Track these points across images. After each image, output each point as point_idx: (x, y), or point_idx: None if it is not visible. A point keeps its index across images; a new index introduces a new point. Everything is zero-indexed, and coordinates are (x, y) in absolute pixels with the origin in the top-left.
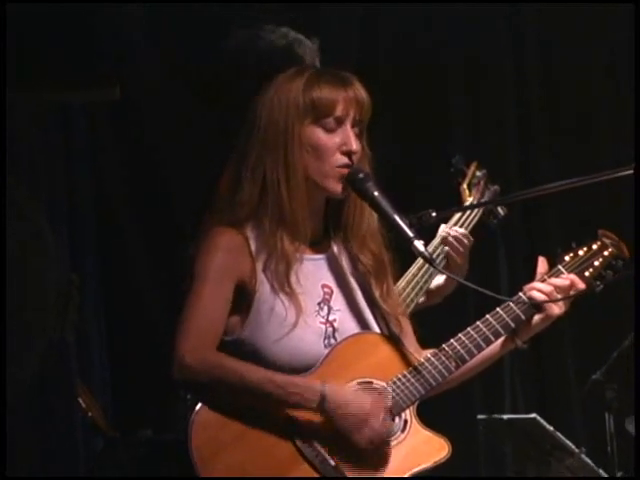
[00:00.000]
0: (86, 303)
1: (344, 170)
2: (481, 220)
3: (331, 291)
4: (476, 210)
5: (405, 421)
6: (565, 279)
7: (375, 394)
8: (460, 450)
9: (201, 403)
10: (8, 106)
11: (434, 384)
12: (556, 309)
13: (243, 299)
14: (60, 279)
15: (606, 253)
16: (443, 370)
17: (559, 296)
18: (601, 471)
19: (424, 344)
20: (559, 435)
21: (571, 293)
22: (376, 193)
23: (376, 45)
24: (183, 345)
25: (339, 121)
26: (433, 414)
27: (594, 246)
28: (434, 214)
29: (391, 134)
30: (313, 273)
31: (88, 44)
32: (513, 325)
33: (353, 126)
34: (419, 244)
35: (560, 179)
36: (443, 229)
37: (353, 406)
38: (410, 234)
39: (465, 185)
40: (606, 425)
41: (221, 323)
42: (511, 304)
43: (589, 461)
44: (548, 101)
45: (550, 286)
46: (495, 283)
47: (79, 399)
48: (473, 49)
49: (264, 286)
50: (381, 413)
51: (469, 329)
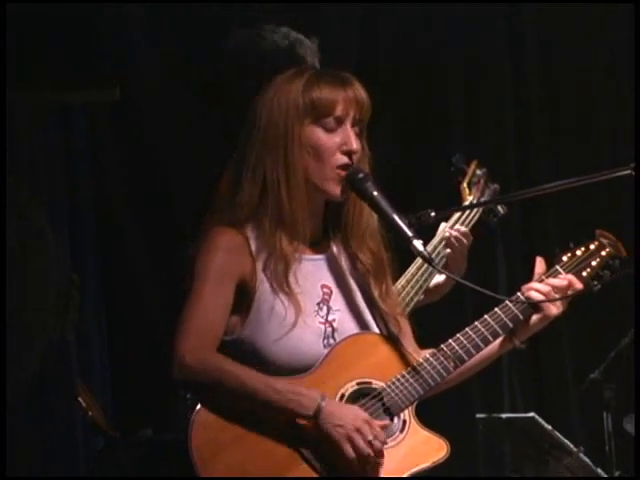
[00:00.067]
0: (86, 303)
1: (343, 172)
2: (481, 218)
3: (330, 291)
4: (476, 209)
5: (404, 421)
6: (563, 279)
7: (371, 417)
8: (459, 449)
9: (201, 403)
10: (8, 106)
11: (433, 384)
12: (554, 309)
13: (243, 299)
14: (60, 279)
15: (604, 253)
16: (442, 370)
17: (557, 296)
18: (599, 470)
19: (423, 344)
20: (557, 434)
21: (569, 293)
22: (375, 193)
23: (376, 45)
24: (183, 345)
25: (339, 121)
26: (432, 413)
27: (592, 246)
28: (433, 214)
29: (391, 134)
30: (312, 273)
31: (88, 44)
32: (511, 325)
33: (353, 126)
34: (418, 244)
35: (559, 179)
36: (443, 228)
37: (346, 425)
38: (409, 234)
39: (465, 184)
40: (604, 424)
41: (221, 323)
42: (509, 304)
43: (587, 460)
44: (547, 101)
45: (548, 286)
46: (493, 283)
47: (79, 398)
48: (473, 49)
49: (264, 286)
50: (373, 432)
51: (467, 329)
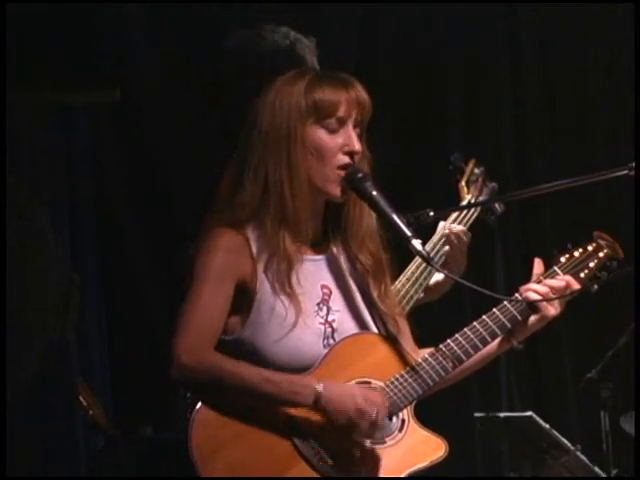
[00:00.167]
0: (87, 303)
1: (344, 173)
2: (479, 217)
3: (330, 292)
4: (475, 207)
5: (403, 421)
6: (561, 280)
7: (370, 389)
8: (457, 448)
9: (201, 401)
10: (9, 106)
11: (431, 384)
12: (552, 310)
13: (243, 299)
14: (61, 279)
15: (601, 254)
16: (440, 370)
17: (555, 297)
18: (596, 469)
19: (422, 343)
20: (555, 433)
21: (566, 294)
22: (374, 192)
23: (376, 45)
24: (181, 344)
25: (341, 122)
26: (430, 412)
27: (589, 247)
28: (432, 213)
29: (391, 134)
30: (313, 274)
31: (88, 44)
32: (509, 325)
33: (354, 127)
34: (417, 243)
35: (556, 179)
36: (442, 227)
37: (347, 403)
38: (408, 233)
39: (463, 182)
40: (601, 423)
41: (220, 323)
42: (507, 305)
43: (584, 459)
44: (545, 101)
45: (546, 287)
46: (491, 283)
47: (80, 397)
48: (473, 49)
49: (265, 286)
50: (375, 406)
51: (466, 329)
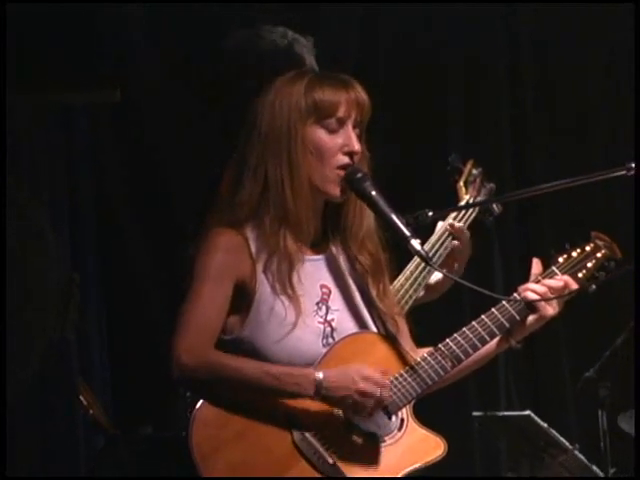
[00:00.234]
0: (87, 302)
1: (344, 172)
2: (477, 217)
3: (329, 291)
4: (473, 208)
5: (402, 420)
6: (559, 280)
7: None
8: (455, 446)
9: (201, 400)
10: (10, 106)
11: (430, 383)
12: (550, 309)
13: (243, 299)
14: (61, 279)
15: (599, 255)
16: (439, 369)
17: (553, 297)
18: (594, 467)
19: (421, 343)
20: (553, 432)
21: (564, 293)
22: (373, 192)
23: (376, 45)
24: (181, 344)
25: (341, 122)
26: (429, 411)
27: (587, 248)
28: (430, 213)
29: (391, 134)
30: (312, 273)
31: (88, 44)
32: (508, 325)
33: (354, 127)
34: (415, 243)
35: (555, 179)
36: (441, 227)
37: (349, 389)
38: (407, 233)
39: (462, 183)
40: (599, 422)
41: (219, 322)
42: (506, 304)
43: (582, 457)
44: (544, 101)
45: (544, 287)
46: (490, 283)
47: (80, 397)
48: (473, 49)
49: (264, 286)
50: (376, 385)
51: (465, 329)
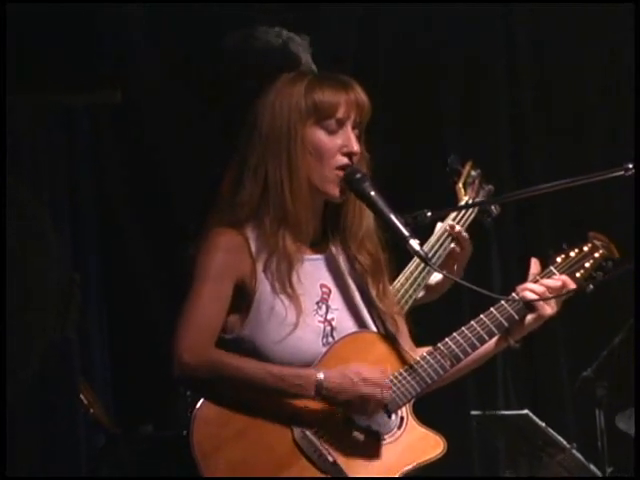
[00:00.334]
0: (88, 302)
1: (343, 173)
2: (476, 218)
3: (329, 291)
4: (471, 209)
5: (401, 418)
6: (557, 280)
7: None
8: (454, 445)
9: (202, 399)
10: (11, 106)
11: (429, 382)
12: (548, 309)
13: (243, 298)
14: (61, 279)
15: (597, 255)
16: (438, 368)
17: (551, 296)
18: (592, 466)
19: (420, 342)
20: (551, 431)
21: (562, 293)
22: (372, 193)
23: (376, 45)
24: (182, 343)
25: (340, 123)
26: (427, 410)
27: (585, 248)
28: (429, 214)
29: (391, 134)
30: (312, 273)
31: (88, 44)
32: (506, 325)
33: (353, 128)
34: (415, 243)
35: (553, 179)
36: (440, 227)
37: (348, 391)
38: (406, 233)
39: (461, 184)
40: (597, 421)
41: (219, 321)
42: (504, 304)
43: (580, 457)
44: (542, 101)
45: (542, 287)
46: (488, 283)
47: (81, 396)
48: (472, 49)
49: (264, 286)
50: (376, 386)
51: (464, 328)
